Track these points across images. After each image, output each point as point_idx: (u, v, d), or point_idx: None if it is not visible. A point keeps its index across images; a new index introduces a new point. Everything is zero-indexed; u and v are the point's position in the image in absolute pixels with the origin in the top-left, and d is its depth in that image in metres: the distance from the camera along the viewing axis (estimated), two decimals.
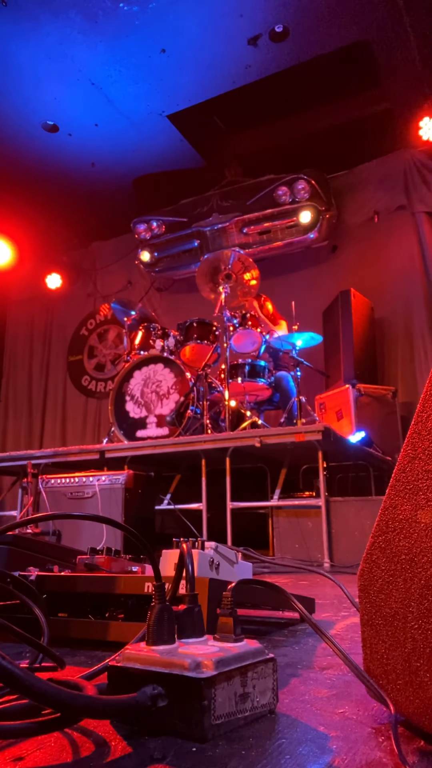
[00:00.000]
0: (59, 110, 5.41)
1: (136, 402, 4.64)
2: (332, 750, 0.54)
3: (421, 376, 5.45)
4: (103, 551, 1.29)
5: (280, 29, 4.46)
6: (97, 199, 6.66)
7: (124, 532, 1.03)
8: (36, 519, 0.84)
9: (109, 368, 7.52)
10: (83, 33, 4.56)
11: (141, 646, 0.64)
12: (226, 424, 4.17)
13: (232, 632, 0.65)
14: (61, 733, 0.59)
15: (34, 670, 0.80)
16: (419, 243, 5.72)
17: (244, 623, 1.31)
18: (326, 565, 3.18)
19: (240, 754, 0.53)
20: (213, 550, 1.11)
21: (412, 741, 0.57)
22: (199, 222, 6.21)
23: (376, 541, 0.63)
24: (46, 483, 3.79)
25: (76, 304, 7.81)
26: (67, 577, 1.14)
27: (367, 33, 4.56)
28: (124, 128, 5.63)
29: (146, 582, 1.02)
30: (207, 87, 5.12)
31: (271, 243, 6.08)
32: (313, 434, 3.37)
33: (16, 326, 8.43)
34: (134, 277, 7.33)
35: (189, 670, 0.56)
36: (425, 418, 0.60)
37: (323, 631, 0.78)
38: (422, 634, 0.56)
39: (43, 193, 6.48)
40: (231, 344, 4.59)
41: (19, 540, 1.43)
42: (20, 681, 0.49)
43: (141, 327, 5.01)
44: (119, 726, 0.61)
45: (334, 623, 1.34)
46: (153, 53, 4.77)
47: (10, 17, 4.42)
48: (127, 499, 3.53)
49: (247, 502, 3.76)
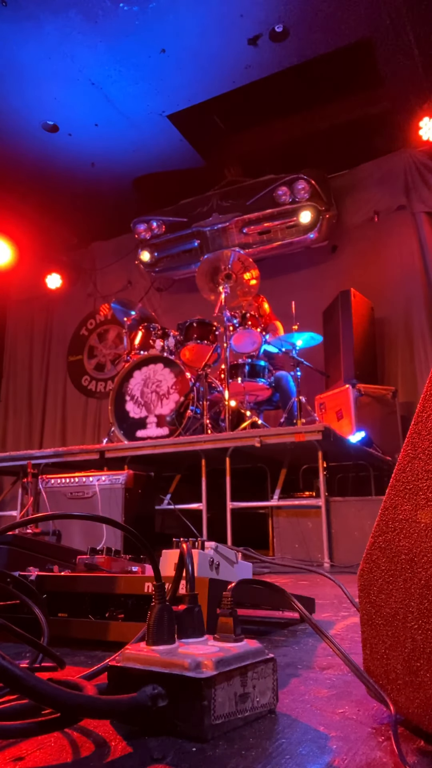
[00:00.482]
0: (59, 110, 5.41)
1: (136, 402, 4.64)
2: (332, 750, 0.54)
3: (421, 376, 5.45)
4: (103, 551, 1.29)
5: (280, 29, 4.46)
6: (97, 199, 6.66)
7: (124, 532, 1.03)
8: (36, 519, 0.84)
9: (109, 368, 7.52)
10: (83, 33, 4.56)
11: (141, 646, 0.64)
12: (226, 424, 4.17)
13: (232, 632, 0.65)
14: (61, 733, 0.59)
15: (34, 670, 0.80)
16: (419, 243, 5.72)
17: (244, 623, 1.31)
18: (326, 565, 3.18)
19: (240, 754, 0.53)
20: (213, 550, 1.11)
21: (412, 741, 0.57)
22: (199, 222, 6.21)
23: (376, 541, 0.63)
24: (46, 483, 3.79)
25: (76, 304, 7.81)
26: (67, 577, 1.14)
27: (367, 33, 4.55)
28: (124, 128, 5.63)
29: (146, 582, 1.02)
30: (207, 87, 5.12)
31: (271, 243, 6.08)
32: (313, 434, 3.37)
33: (16, 326, 8.43)
34: (134, 277, 7.33)
35: (189, 670, 0.56)
36: (425, 418, 0.60)
37: (323, 631, 0.78)
38: (422, 634, 0.56)
39: (43, 193, 6.48)
40: (231, 344, 4.59)
41: (19, 540, 1.43)
42: (20, 681, 0.49)
43: (141, 327, 5.01)
44: (119, 726, 0.61)
45: (334, 623, 1.34)
46: (153, 53, 4.77)
47: (10, 17, 4.42)
48: (127, 499, 3.53)
49: (247, 502, 3.76)
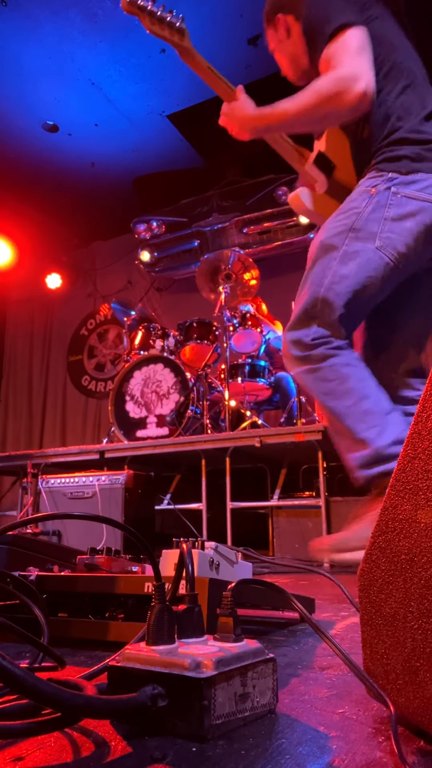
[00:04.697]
0: (59, 110, 5.41)
1: (136, 402, 4.64)
2: (332, 750, 0.54)
3: None
4: (103, 551, 1.29)
5: None
6: (97, 199, 6.66)
7: (124, 532, 1.03)
8: (36, 519, 0.84)
9: (109, 368, 7.51)
10: (83, 33, 4.56)
11: (141, 646, 0.64)
12: (226, 424, 4.17)
13: (232, 632, 0.65)
14: (61, 733, 0.59)
15: (34, 670, 0.80)
16: None
17: (244, 623, 1.31)
18: (326, 565, 3.18)
19: (240, 754, 0.53)
20: (213, 550, 1.11)
21: (412, 741, 0.57)
22: (199, 222, 6.21)
23: (376, 541, 0.63)
24: (46, 483, 3.79)
25: (76, 304, 7.81)
26: (67, 577, 1.14)
27: None
28: (124, 128, 5.63)
29: (146, 582, 1.02)
30: (207, 87, 5.05)
31: (271, 243, 6.07)
32: (313, 434, 3.37)
33: (16, 326, 8.42)
34: (134, 277, 7.33)
35: (189, 670, 0.56)
36: (425, 418, 0.60)
37: (323, 631, 0.78)
38: (422, 634, 0.56)
39: (43, 193, 6.48)
40: (231, 344, 4.59)
41: (19, 540, 1.43)
42: (20, 681, 0.49)
43: (141, 327, 5.01)
44: (119, 726, 0.61)
45: (334, 623, 1.34)
46: (153, 53, 4.77)
47: (10, 17, 4.43)
48: (127, 499, 3.53)
49: (247, 502, 3.76)
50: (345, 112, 1.85)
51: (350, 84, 1.78)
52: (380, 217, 1.85)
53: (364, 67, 1.80)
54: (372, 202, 1.88)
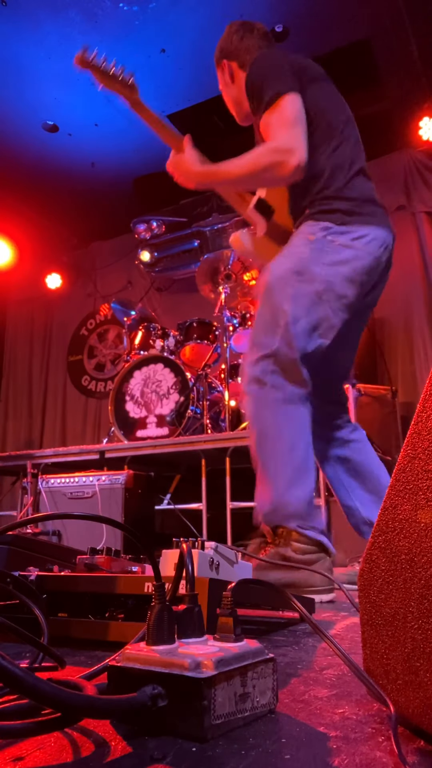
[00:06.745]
0: (59, 110, 5.41)
1: (136, 402, 4.64)
2: (332, 750, 0.54)
3: (421, 376, 5.45)
4: (103, 551, 1.29)
5: (280, 29, 4.46)
6: (97, 199, 6.65)
7: (124, 532, 1.03)
8: (36, 519, 0.84)
9: (109, 368, 7.51)
10: (83, 33, 4.56)
11: (141, 646, 0.64)
12: (226, 424, 4.17)
13: (232, 632, 0.65)
14: (61, 733, 0.59)
15: (34, 669, 0.80)
16: (419, 243, 5.71)
17: (244, 623, 1.31)
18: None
19: (240, 754, 0.53)
20: (213, 550, 1.11)
21: (412, 741, 0.57)
22: (199, 222, 6.21)
23: (376, 541, 0.63)
24: (46, 483, 3.79)
25: (76, 304, 7.81)
26: (67, 577, 1.14)
27: (366, 33, 4.56)
28: (124, 128, 5.62)
29: (146, 582, 1.02)
30: (207, 87, 5.11)
31: None
32: None
33: (16, 326, 8.42)
34: (134, 277, 7.33)
35: (189, 670, 0.56)
36: (425, 417, 0.60)
37: (323, 631, 0.78)
38: (422, 634, 0.56)
39: (43, 193, 6.48)
40: (231, 344, 4.59)
41: (19, 540, 1.43)
42: (20, 681, 0.49)
43: (141, 327, 5.01)
44: (119, 726, 0.61)
45: (334, 623, 1.34)
46: (153, 53, 4.77)
47: (10, 17, 4.42)
48: (127, 499, 3.53)
49: (247, 502, 3.76)
50: (280, 180, 1.99)
51: (286, 157, 1.90)
52: (320, 262, 1.97)
53: (299, 140, 1.93)
54: (311, 248, 1.99)
